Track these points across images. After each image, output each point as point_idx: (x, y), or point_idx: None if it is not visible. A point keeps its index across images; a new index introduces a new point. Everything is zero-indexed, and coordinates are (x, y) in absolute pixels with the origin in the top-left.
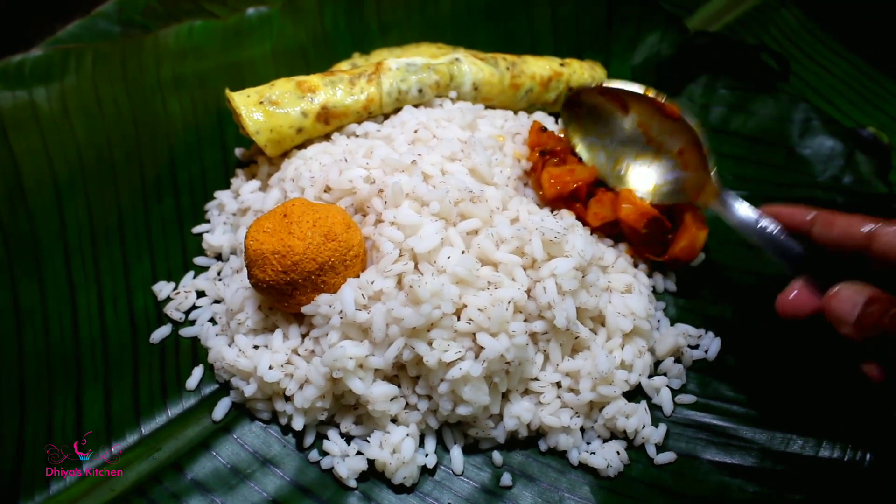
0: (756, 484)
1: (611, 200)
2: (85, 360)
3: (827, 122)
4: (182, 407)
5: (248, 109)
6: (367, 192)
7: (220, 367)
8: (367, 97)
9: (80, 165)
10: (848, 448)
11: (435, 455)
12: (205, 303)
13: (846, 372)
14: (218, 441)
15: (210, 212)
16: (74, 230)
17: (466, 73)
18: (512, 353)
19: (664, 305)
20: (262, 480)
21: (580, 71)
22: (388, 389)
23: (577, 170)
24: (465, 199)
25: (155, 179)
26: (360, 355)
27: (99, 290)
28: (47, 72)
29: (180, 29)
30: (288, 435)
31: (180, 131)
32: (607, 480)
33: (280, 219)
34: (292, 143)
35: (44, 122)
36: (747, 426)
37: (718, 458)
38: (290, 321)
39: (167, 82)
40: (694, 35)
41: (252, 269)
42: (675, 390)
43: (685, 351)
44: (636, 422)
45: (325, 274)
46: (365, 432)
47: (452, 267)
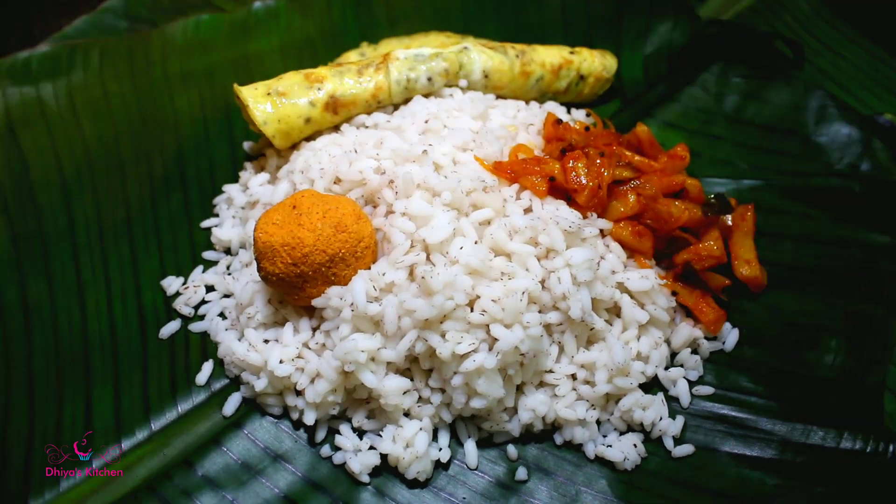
0: (776, 476)
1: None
2: (94, 356)
3: (843, 110)
4: (192, 402)
5: (255, 101)
6: (378, 182)
7: (230, 361)
8: (375, 85)
9: (87, 161)
10: (870, 439)
11: (449, 449)
12: (214, 297)
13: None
14: (228, 437)
15: (219, 206)
16: (82, 226)
17: (476, 60)
18: (526, 344)
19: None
20: (273, 476)
21: (591, 59)
22: (401, 383)
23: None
24: (477, 188)
25: (163, 174)
26: (371, 348)
27: (107, 286)
28: (54, 68)
29: (187, 23)
30: (299, 430)
31: (188, 126)
32: (624, 474)
33: (289, 210)
34: (301, 134)
35: (51, 119)
36: (767, 417)
37: (738, 451)
38: (301, 314)
39: (174, 77)
40: (706, 23)
41: (262, 261)
42: (692, 382)
43: (702, 342)
44: (653, 414)
45: (336, 266)
46: (377, 426)
47: (465, 257)
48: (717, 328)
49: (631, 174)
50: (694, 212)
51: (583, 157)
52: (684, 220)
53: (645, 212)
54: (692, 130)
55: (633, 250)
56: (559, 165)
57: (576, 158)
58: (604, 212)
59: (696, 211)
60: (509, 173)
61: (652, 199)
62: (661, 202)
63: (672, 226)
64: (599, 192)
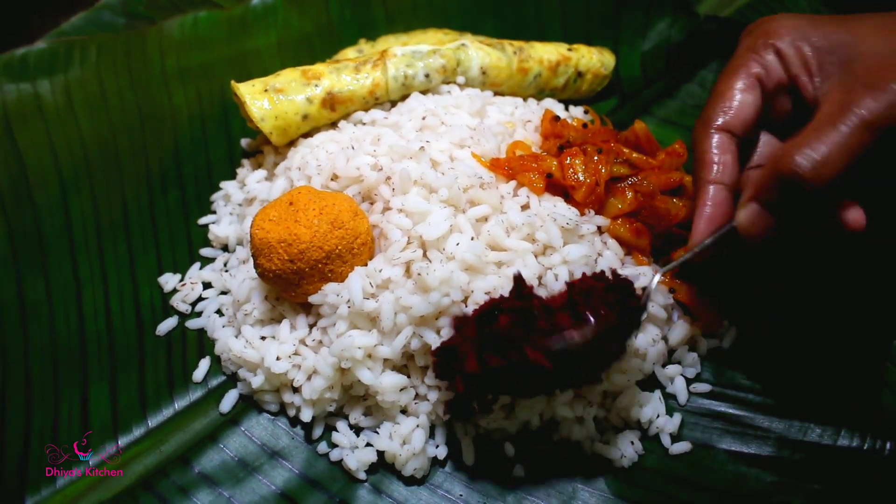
0: (773, 473)
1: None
2: (91, 354)
3: None
4: (189, 399)
5: (252, 97)
6: (375, 179)
7: (226, 358)
8: (372, 82)
9: (84, 159)
10: (867, 436)
11: (446, 446)
12: (211, 294)
13: (865, 356)
14: (225, 434)
15: (216, 202)
16: (79, 224)
17: (473, 57)
18: None
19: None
20: (270, 473)
21: (588, 56)
22: (398, 380)
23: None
24: (474, 185)
25: (160, 172)
26: (368, 345)
27: (104, 283)
28: (51, 65)
29: (185, 20)
30: (296, 427)
31: (186, 123)
32: (622, 471)
33: (286, 207)
34: (298, 130)
35: (48, 116)
36: (764, 415)
37: (735, 448)
38: (298, 311)
39: (172, 74)
40: (704, 20)
41: (258, 258)
42: (689, 379)
43: (699, 339)
44: (650, 411)
45: (333, 262)
46: (374, 423)
47: (461, 254)
48: (715, 326)
49: (629, 171)
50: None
51: (580, 154)
52: (682, 217)
53: (643, 209)
54: (690, 127)
55: (630, 247)
56: (557, 162)
57: (573, 155)
58: (601, 208)
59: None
60: (507, 170)
61: (650, 195)
62: (659, 199)
63: (670, 223)
64: (597, 188)
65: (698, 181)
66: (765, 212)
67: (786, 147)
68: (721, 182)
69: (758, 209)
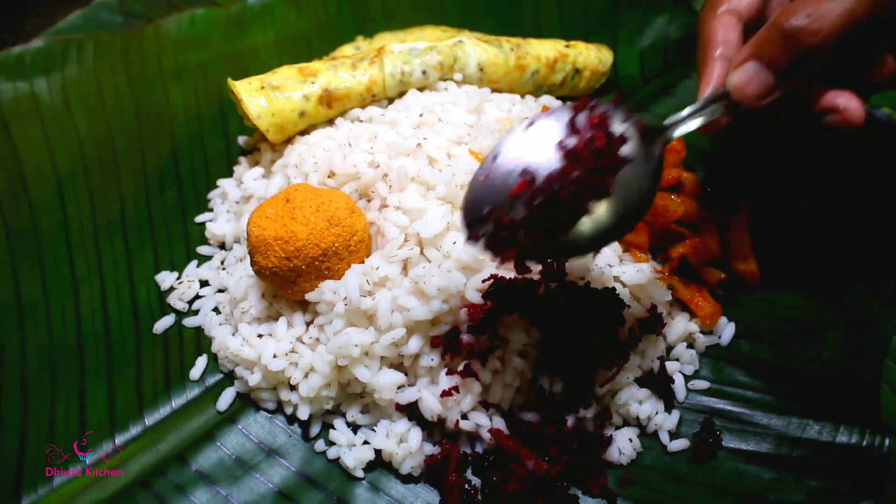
0: (772, 470)
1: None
2: (88, 352)
3: None
4: (186, 398)
5: (249, 95)
6: (372, 176)
7: (224, 356)
8: (369, 79)
9: (81, 157)
10: (866, 433)
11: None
12: (208, 292)
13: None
14: (223, 432)
15: (213, 200)
16: (76, 222)
17: (470, 54)
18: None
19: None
20: (267, 471)
21: (586, 52)
22: (395, 377)
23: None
24: None
25: (157, 170)
26: (365, 342)
27: (101, 282)
28: (48, 63)
29: (182, 18)
30: (293, 425)
31: (183, 121)
32: (620, 468)
33: (283, 204)
34: (295, 128)
35: (45, 114)
36: (762, 412)
37: (733, 445)
38: (295, 309)
39: (169, 72)
40: None
41: (255, 255)
42: (687, 376)
43: (698, 336)
44: (649, 408)
45: (329, 260)
46: (371, 421)
47: (458, 252)
48: (714, 322)
49: None
50: (690, 205)
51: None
52: (680, 214)
53: None
54: None
55: (628, 244)
56: None
57: None
58: None
59: (691, 205)
60: None
61: None
62: (658, 196)
63: (668, 219)
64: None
65: (703, 59)
66: (763, 70)
67: (789, 5)
68: (726, 58)
69: (755, 67)
